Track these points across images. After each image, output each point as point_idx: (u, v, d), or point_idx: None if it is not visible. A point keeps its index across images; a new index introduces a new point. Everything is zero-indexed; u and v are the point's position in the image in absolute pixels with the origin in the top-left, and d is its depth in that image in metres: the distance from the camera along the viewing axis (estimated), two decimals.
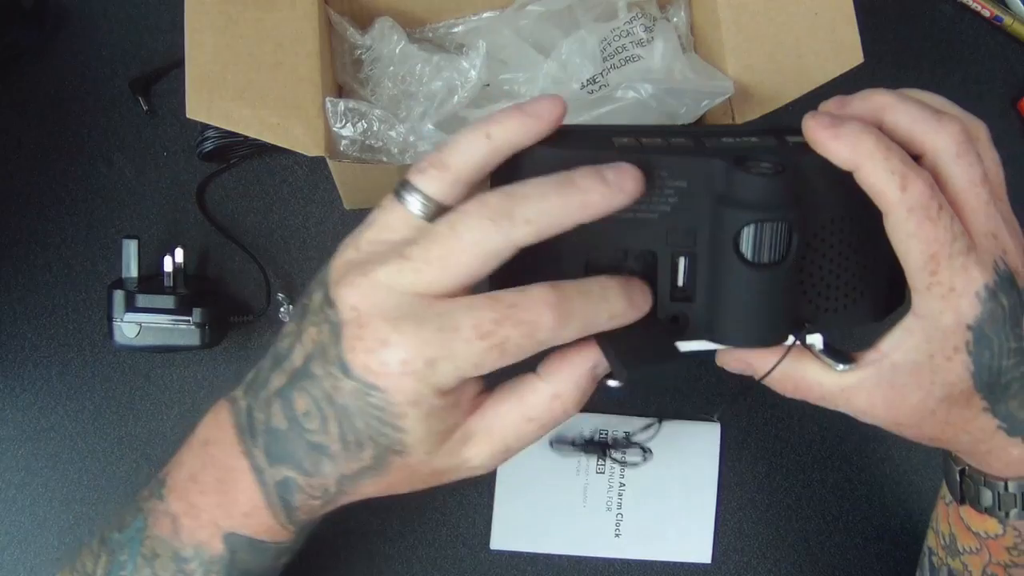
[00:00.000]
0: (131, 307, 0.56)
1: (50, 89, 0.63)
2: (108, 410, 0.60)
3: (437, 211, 0.36)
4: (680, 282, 0.38)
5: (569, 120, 0.40)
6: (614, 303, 0.36)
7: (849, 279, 0.40)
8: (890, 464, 0.62)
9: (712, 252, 0.37)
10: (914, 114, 0.38)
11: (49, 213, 0.62)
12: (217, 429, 0.40)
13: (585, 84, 0.56)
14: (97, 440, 0.60)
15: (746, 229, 0.36)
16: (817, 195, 0.38)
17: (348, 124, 0.51)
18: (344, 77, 0.56)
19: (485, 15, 0.58)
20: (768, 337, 0.39)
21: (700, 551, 0.60)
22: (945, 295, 0.38)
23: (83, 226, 0.62)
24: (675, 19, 0.57)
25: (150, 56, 0.63)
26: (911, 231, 0.37)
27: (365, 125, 0.51)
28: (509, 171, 0.36)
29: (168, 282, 0.57)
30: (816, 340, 0.40)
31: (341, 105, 0.51)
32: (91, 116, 0.63)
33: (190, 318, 0.56)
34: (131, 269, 0.57)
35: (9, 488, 0.59)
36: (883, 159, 0.36)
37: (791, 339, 0.39)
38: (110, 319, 0.56)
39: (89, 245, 0.62)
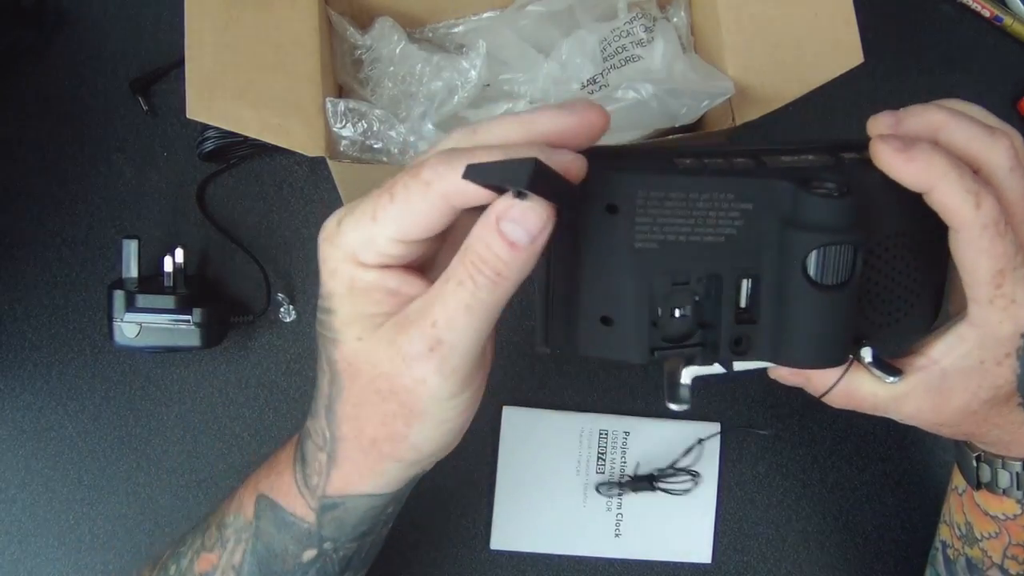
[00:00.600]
0: (131, 307, 0.56)
1: (50, 89, 0.63)
2: (108, 410, 0.60)
3: None
4: (743, 303, 0.38)
5: None
6: (529, 114, 0.34)
7: (901, 293, 0.40)
8: (890, 464, 0.62)
9: (779, 274, 0.37)
10: (969, 131, 0.39)
11: (49, 213, 0.62)
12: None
13: (585, 84, 0.56)
14: (97, 440, 0.60)
15: (815, 252, 0.36)
16: (877, 213, 0.38)
17: (348, 124, 0.51)
18: (344, 77, 0.56)
19: (485, 15, 0.58)
20: (832, 358, 0.39)
21: (700, 551, 0.60)
22: (1007, 307, 0.39)
23: (83, 226, 0.62)
24: (675, 19, 0.57)
25: (150, 56, 0.63)
26: (983, 248, 0.38)
27: (365, 125, 0.51)
28: (572, 198, 0.35)
29: (168, 282, 0.57)
30: (866, 353, 0.40)
31: (341, 105, 0.51)
32: (91, 116, 0.63)
33: (190, 318, 0.56)
34: (131, 269, 0.57)
35: (9, 488, 0.59)
36: (957, 179, 0.37)
37: (833, 386, 0.41)
38: (110, 319, 0.56)
39: (89, 245, 0.61)
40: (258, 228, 0.62)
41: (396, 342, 0.35)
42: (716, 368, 0.38)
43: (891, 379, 0.41)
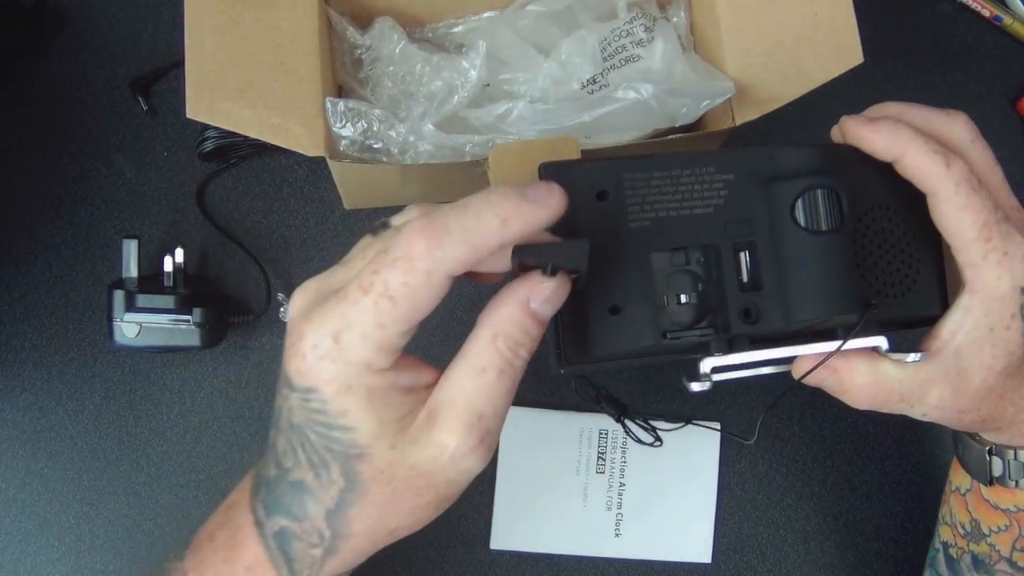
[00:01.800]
0: (131, 307, 0.56)
1: (50, 89, 0.63)
2: (108, 410, 0.60)
3: None
4: (745, 277, 0.38)
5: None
6: (501, 202, 0.33)
7: (900, 267, 0.41)
8: (890, 463, 0.62)
9: (772, 233, 0.38)
10: (924, 113, 0.41)
11: (49, 213, 0.62)
12: (239, 492, 0.40)
13: (585, 84, 0.56)
14: (97, 440, 0.60)
15: (800, 200, 0.37)
16: (857, 184, 0.39)
17: (348, 124, 0.51)
18: (344, 77, 0.56)
19: (485, 15, 0.58)
20: (843, 303, 0.38)
21: (700, 551, 0.60)
22: (1000, 260, 0.39)
23: (83, 226, 0.62)
24: (675, 19, 0.57)
25: (150, 56, 0.63)
26: (962, 203, 0.38)
27: (365, 125, 0.51)
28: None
29: (168, 282, 0.57)
30: (882, 342, 0.40)
31: (341, 105, 0.51)
32: (91, 116, 0.63)
33: (190, 318, 0.56)
34: (131, 269, 0.57)
35: (9, 488, 0.59)
36: (923, 142, 0.39)
37: (851, 334, 0.39)
38: (110, 319, 0.56)
39: (89, 245, 0.61)
40: (258, 228, 0.62)
41: (439, 441, 0.35)
42: (736, 357, 0.38)
43: (913, 356, 0.41)
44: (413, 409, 0.35)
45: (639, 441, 0.59)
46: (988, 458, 0.47)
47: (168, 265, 0.57)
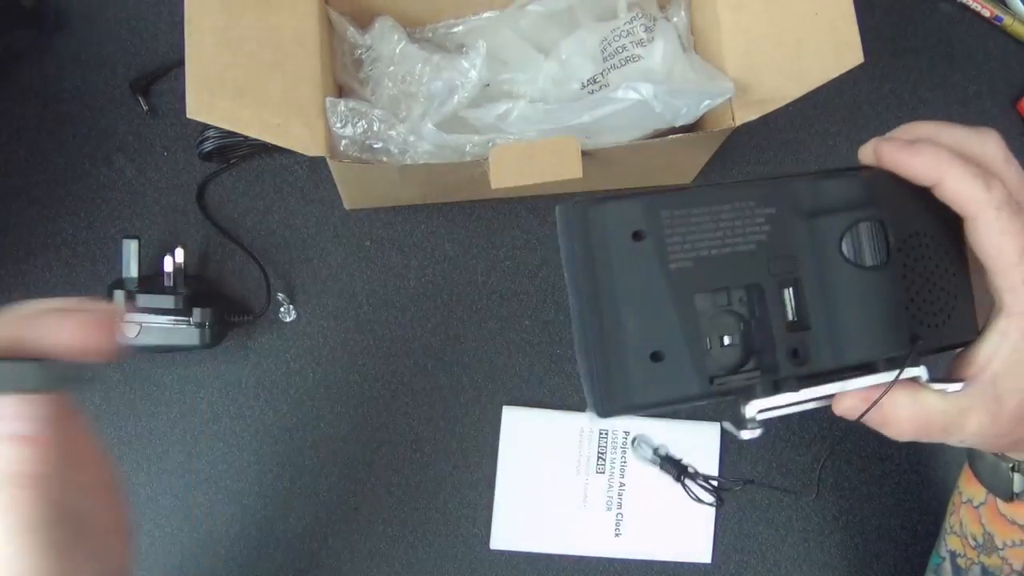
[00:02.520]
0: (131, 307, 0.56)
1: (50, 89, 0.63)
2: (108, 410, 0.60)
3: None
4: (791, 315, 0.37)
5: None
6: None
7: (941, 295, 0.40)
8: (890, 464, 0.62)
9: (818, 269, 0.37)
10: (958, 132, 0.40)
11: (49, 213, 0.62)
12: None
13: (585, 84, 0.56)
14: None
15: (848, 234, 0.36)
16: (898, 212, 0.38)
17: (348, 124, 0.51)
18: (344, 77, 0.56)
19: (485, 15, 0.58)
20: (893, 342, 0.37)
21: (700, 551, 0.60)
22: None
23: (83, 226, 0.62)
24: (675, 19, 0.57)
25: (150, 56, 0.63)
26: (1003, 228, 0.37)
27: (365, 125, 0.51)
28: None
29: (168, 282, 0.57)
30: (922, 372, 0.39)
31: (341, 105, 0.51)
32: (91, 116, 0.63)
33: (190, 318, 0.56)
34: (131, 269, 0.57)
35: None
36: (962, 166, 0.37)
37: (901, 372, 0.38)
38: None
39: (89, 245, 0.61)
40: (258, 228, 0.62)
41: None
42: (781, 398, 0.36)
43: (955, 387, 0.40)
44: None
45: (700, 501, 0.60)
46: (1011, 475, 0.46)
47: (168, 265, 0.57)
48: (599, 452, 0.60)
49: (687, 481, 0.59)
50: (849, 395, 0.39)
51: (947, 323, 0.40)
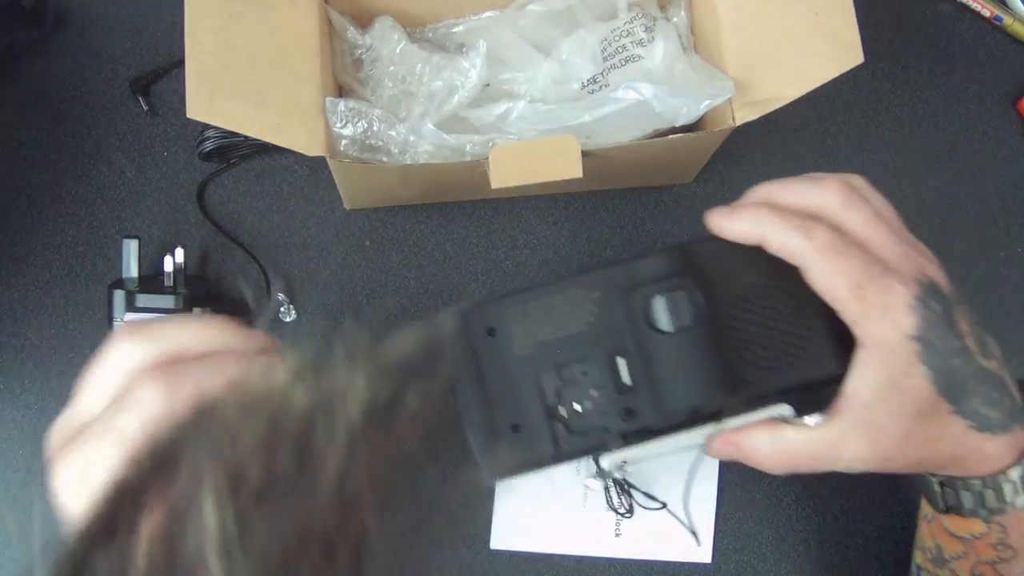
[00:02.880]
0: (131, 307, 0.56)
1: (50, 89, 0.63)
2: None
3: None
4: (627, 379, 0.42)
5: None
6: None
7: (785, 339, 0.43)
8: None
9: (635, 339, 0.42)
10: (794, 188, 0.43)
11: (49, 213, 0.62)
12: None
13: (585, 84, 0.56)
14: None
15: (653, 303, 0.41)
16: (726, 271, 0.43)
17: (348, 124, 0.51)
18: (344, 77, 0.56)
19: (485, 15, 0.58)
20: (709, 393, 0.42)
21: (700, 551, 0.60)
22: (881, 315, 0.40)
23: (83, 226, 0.62)
24: (675, 19, 0.57)
25: (150, 56, 0.63)
26: (829, 269, 0.40)
27: (365, 125, 0.51)
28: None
29: (168, 282, 0.57)
30: (785, 410, 0.43)
31: (341, 105, 0.51)
32: (91, 116, 0.63)
33: None
34: (131, 269, 0.57)
35: (9, 488, 0.59)
36: (781, 221, 0.41)
37: (771, 410, 0.43)
38: (110, 319, 0.56)
39: (89, 245, 0.61)
40: (258, 228, 0.62)
41: None
42: (635, 451, 0.43)
43: (813, 419, 0.43)
44: None
45: (609, 505, 0.60)
46: (939, 489, 0.48)
47: (168, 265, 0.57)
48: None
49: (610, 484, 0.60)
50: (715, 437, 0.44)
51: (796, 363, 0.43)
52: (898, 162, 0.65)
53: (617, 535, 0.60)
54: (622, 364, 0.42)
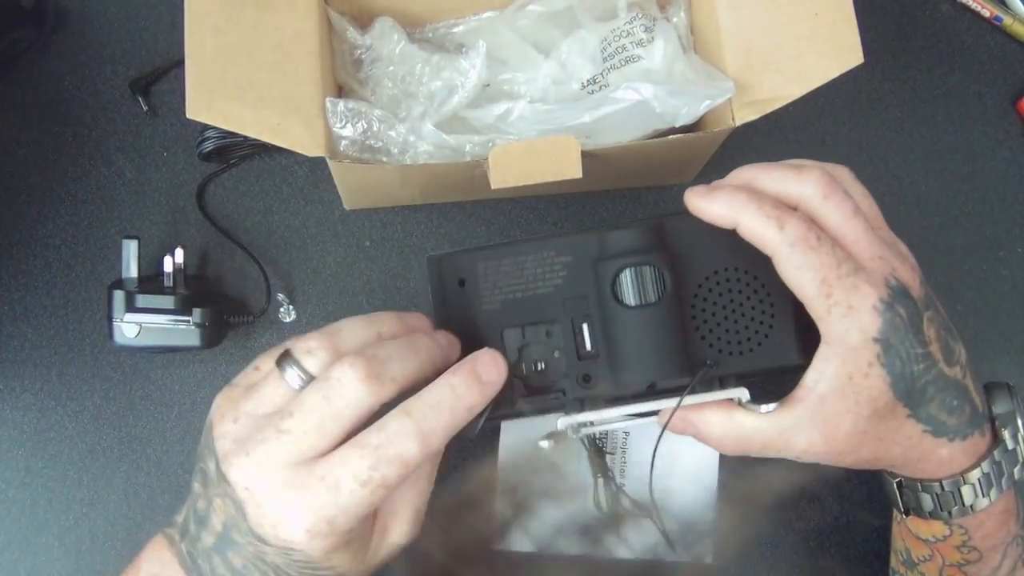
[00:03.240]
0: (131, 307, 0.56)
1: (50, 89, 0.63)
2: (108, 410, 0.60)
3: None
4: (588, 346, 0.43)
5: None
6: (467, 394, 0.40)
7: (749, 324, 0.44)
8: None
9: (600, 308, 0.43)
10: (776, 174, 0.43)
11: (49, 213, 0.62)
12: (163, 567, 0.41)
13: (585, 84, 0.56)
14: (97, 440, 0.60)
15: (620, 276, 0.42)
16: (697, 251, 0.43)
17: (348, 124, 0.51)
18: (344, 77, 0.56)
19: (485, 15, 0.58)
20: (666, 368, 0.42)
21: (700, 551, 0.60)
22: (846, 314, 0.40)
23: (83, 226, 0.62)
24: (675, 19, 0.57)
25: (150, 56, 0.63)
26: (798, 262, 0.40)
27: (365, 125, 0.51)
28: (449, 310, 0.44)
29: (168, 282, 0.57)
30: (743, 394, 0.44)
31: (341, 105, 0.51)
32: (91, 116, 0.63)
33: (190, 318, 0.56)
34: (131, 269, 0.57)
35: (9, 488, 0.59)
36: (757, 208, 0.40)
37: (729, 393, 0.43)
38: (110, 319, 0.56)
39: (89, 245, 0.61)
40: (258, 228, 0.62)
41: (392, 543, 0.43)
42: (589, 415, 0.43)
43: (767, 407, 0.43)
44: (371, 529, 0.42)
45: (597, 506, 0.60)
46: (898, 491, 0.48)
47: (168, 265, 0.57)
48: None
49: (599, 482, 0.60)
50: (669, 414, 0.44)
51: (757, 349, 0.44)
52: (898, 162, 0.65)
53: (617, 535, 0.60)
54: (585, 330, 0.43)
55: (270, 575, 0.39)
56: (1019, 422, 0.46)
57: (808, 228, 0.41)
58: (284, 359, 0.40)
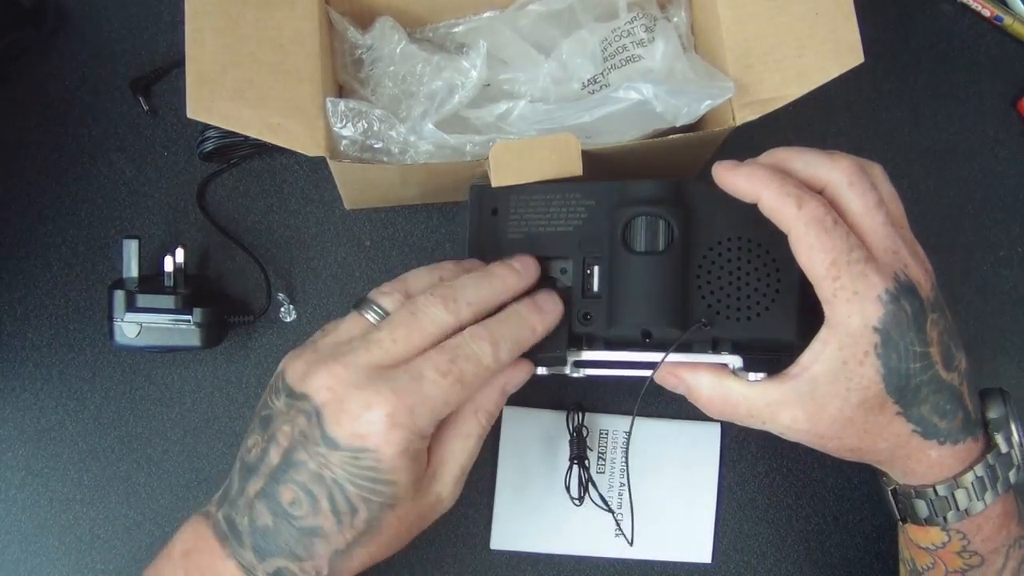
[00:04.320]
0: (131, 307, 0.56)
1: (50, 89, 0.63)
2: (108, 410, 0.60)
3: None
4: (595, 287, 0.46)
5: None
6: (530, 316, 0.44)
7: (752, 294, 0.45)
8: None
9: (610, 251, 0.46)
10: (808, 158, 0.44)
11: (49, 213, 0.62)
12: (197, 539, 0.42)
13: (586, 84, 0.56)
14: (97, 440, 0.60)
15: (633, 222, 0.45)
16: (716, 215, 0.46)
17: (348, 124, 0.51)
18: (344, 77, 0.56)
19: (485, 15, 0.58)
20: (659, 320, 0.45)
21: (700, 551, 0.60)
22: (850, 299, 0.41)
23: (83, 226, 0.62)
24: (675, 19, 0.57)
25: (150, 56, 0.63)
26: (811, 243, 0.41)
27: (365, 125, 0.51)
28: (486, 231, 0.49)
29: (168, 282, 0.57)
30: (736, 361, 0.46)
31: (341, 105, 0.51)
32: (91, 116, 0.63)
33: (190, 318, 0.56)
34: (131, 269, 0.57)
35: (9, 488, 0.59)
36: (779, 185, 0.42)
37: (722, 358, 0.46)
38: (110, 319, 0.56)
39: (89, 245, 0.61)
40: (258, 228, 0.62)
41: (436, 492, 0.44)
42: (584, 355, 0.47)
43: (756, 376, 0.45)
44: (424, 464, 0.43)
45: (566, 488, 0.59)
46: (892, 498, 0.49)
47: (168, 265, 0.57)
48: (599, 452, 0.61)
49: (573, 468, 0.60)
50: (667, 366, 0.46)
51: (756, 319, 0.45)
52: (898, 162, 0.65)
53: (617, 535, 0.60)
54: (596, 272, 0.46)
55: (322, 501, 0.40)
56: (1012, 426, 0.46)
57: (826, 211, 0.41)
58: (361, 303, 0.44)
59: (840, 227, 0.41)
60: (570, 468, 0.59)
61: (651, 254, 0.45)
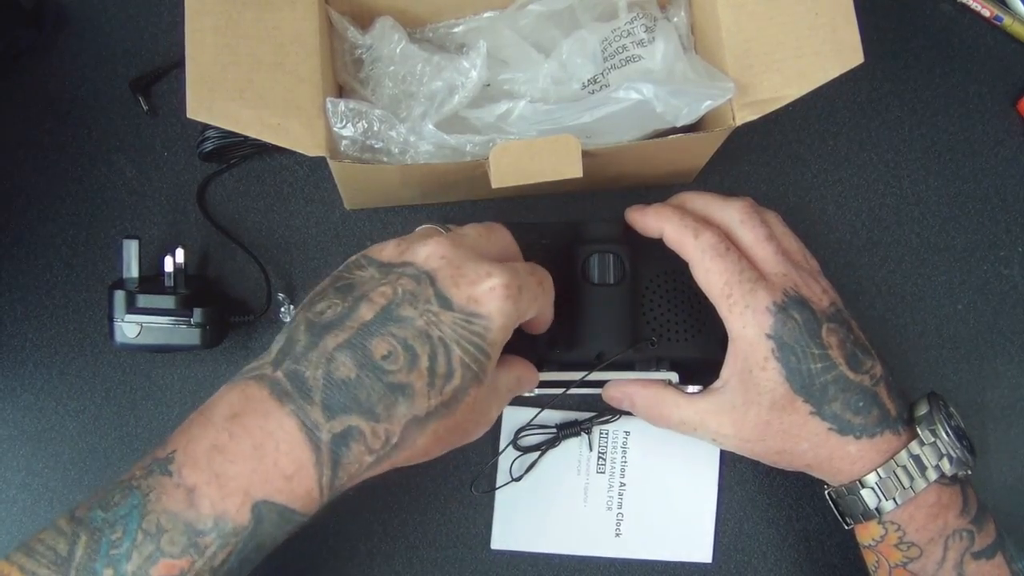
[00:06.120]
0: (132, 307, 0.56)
1: (50, 89, 0.63)
2: (108, 410, 0.60)
3: None
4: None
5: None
6: (542, 282, 0.46)
7: (685, 318, 0.53)
8: None
9: (570, 283, 0.51)
10: (707, 199, 0.52)
11: (49, 213, 0.62)
12: (247, 401, 0.40)
13: (586, 84, 0.56)
14: (97, 440, 0.60)
15: (591, 258, 0.51)
16: (654, 251, 0.52)
17: (348, 124, 0.51)
18: (344, 77, 0.56)
19: (485, 15, 0.58)
20: (613, 342, 0.51)
21: (700, 551, 0.60)
22: (743, 312, 0.47)
23: (83, 226, 0.62)
24: (675, 19, 0.57)
25: (150, 56, 0.63)
26: (708, 266, 0.48)
27: (365, 125, 0.51)
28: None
29: (168, 282, 0.57)
30: (672, 376, 0.52)
31: (341, 105, 0.51)
32: (91, 116, 0.63)
33: (190, 318, 0.56)
34: (131, 269, 0.57)
35: (9, 488, 0.59)
36: (679, 219, 0.49)
37: (661, 374, 0.52)
38: (111, 319, 0.56)
39: (89, 245, 0.62)
40: (258, 228, 0.62)
41: (490, 404, 0.46)
42: (548, 376, 0.52)
43: (692, 389, 0.51)
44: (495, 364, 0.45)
45: (609, 421, 0.60)
46: (832, 502, 0.52)
47: (169, 265, 0.57)
48: (599, 452, 0.61)
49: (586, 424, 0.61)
50: (613, 384, 0.53)
51: (690, 340, 0.53)
52: (898, 162, 0.65)
53: (617, 535, 0.60)
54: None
55: (422, 359, 0.40)
56: (936, 417, 0.48)
57: (719, 239, 0.48)
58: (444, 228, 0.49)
59: (732, 252, 0.48)
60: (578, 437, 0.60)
61: (606, 287, 0.51)
